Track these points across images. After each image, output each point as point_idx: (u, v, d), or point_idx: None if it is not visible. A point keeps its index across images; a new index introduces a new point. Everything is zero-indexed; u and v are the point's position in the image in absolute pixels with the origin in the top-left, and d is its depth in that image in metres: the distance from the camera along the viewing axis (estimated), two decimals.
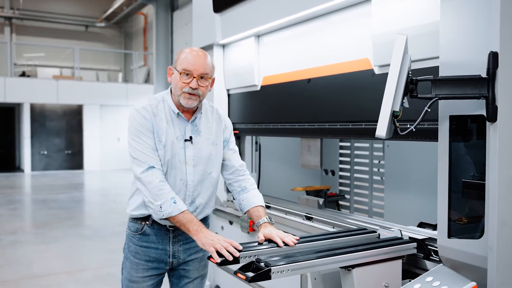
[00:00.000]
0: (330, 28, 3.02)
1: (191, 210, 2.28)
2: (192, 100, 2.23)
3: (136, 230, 2.32)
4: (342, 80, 2.90)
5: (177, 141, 2.27)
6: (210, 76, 2.29)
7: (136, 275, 2.31)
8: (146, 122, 2.23)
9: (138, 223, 2.32)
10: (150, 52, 19.60)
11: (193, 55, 2.24)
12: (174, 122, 2.29)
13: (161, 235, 2.31)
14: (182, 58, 2.24)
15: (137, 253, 2.32)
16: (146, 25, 20.78)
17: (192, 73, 2.20)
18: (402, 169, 4.00)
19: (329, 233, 2.42)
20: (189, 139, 2.29)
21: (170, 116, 2.29)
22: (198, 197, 2.34)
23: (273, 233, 2.17)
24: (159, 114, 2.26)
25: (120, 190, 12.36)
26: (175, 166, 2.26)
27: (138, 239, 2.31)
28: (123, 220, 8.20)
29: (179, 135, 2.28)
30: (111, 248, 6.27)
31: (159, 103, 2.29)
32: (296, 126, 3.36)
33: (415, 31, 2.37)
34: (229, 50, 4.09)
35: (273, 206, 3.59)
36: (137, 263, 2.31)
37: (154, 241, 2.30)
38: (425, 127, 2.30)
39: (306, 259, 1.90)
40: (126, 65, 23.25)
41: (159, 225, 2.30)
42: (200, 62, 2.22)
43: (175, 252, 2.34)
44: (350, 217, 2.96)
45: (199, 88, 2.22)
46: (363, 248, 2.06)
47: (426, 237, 2.34)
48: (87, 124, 17.64)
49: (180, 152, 2.26)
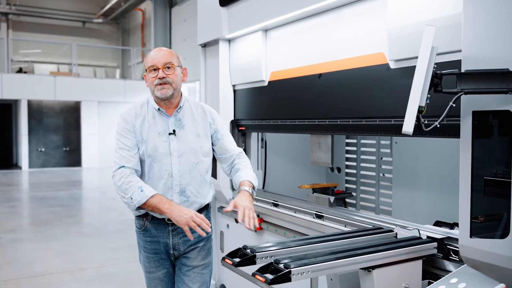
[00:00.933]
0: (342, 22, 2.95)
1: (183, 200, 2.43)
2: (165, 89, 2.42)
3: (140, 227, 2.50)
4: (355, 75, 2.82)
5: (160, 136, 2.44)
6: (175, 64, 2.46)
7: (149, 266, 2.50)
8: (126, 124, 2.44)
9: (140, 220, 2.49)
10: (148, 49, 19.49)
11: (154, 52, 2.48)
12: (157, 119, 2.47)
13: (161, 229, 2.45)
14: (146, 60, 2.48)
15: (146, 248, 2.49)
16: (144, 21, 20.65)
17: (156, 66, 2.41)
18: (411, 166, 3.94)
19: (345, 233, 2.36)
20: (172, 132, 2.45)
21: (153, 114, 2.48)
22: (188, 186, 2.46)
23: (240, 203, 2.29)
24: (142, 114, 2.47)
25: None
26: (158, 158, 2.42)
27: (143, 234, 2.49)
28: (123, 218, 8.12)
29: (162, 130, 2.46)
30: (112, 246, 6.20)
31: (143, 105, 2.52)
32: (306, 123, 3.28)
33: (436, 23, 2.30)
34: (235, 45, 4.01)
35: (281, 204, 3.52)
36: (148, 256, 2.50)
37: (156, 235, 2.46)
38: (444, 123, 2.23)
39: (326, 260, 1.84)
40: (123, 61, 23.12)
41: (158, 219, 2.44)
42: (160, 55, 2.44)
43: (175, 244, 2.48)
44: (363, 216, 2.89)
45: (167, 76, 2.42)
46: (383, 248, 2.00)
47: (445, 236, 2.28)
48: (85, 120, 17.51)
49: (163, 145, 2.43)
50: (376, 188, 4.41)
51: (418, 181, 3.84)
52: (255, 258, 1.95)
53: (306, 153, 4.72)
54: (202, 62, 4.34)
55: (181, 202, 2.41)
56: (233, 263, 1.94)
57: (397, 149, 4.08)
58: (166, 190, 2.41)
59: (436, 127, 1.85)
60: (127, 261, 5.52)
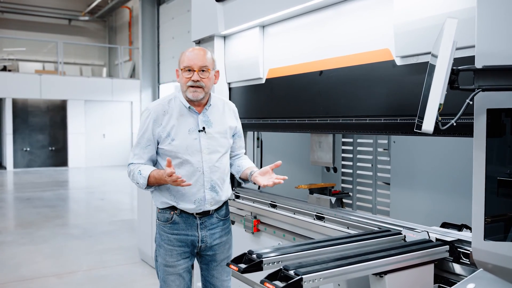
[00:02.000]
0: (344, 17, 2.86)
1: (213, 195, 2.53)
2: (198, 92, 2.47)
3: (166, 220, 2.53)
4: (359, 72, 2.74)
5: (190, 134, 2.49)
6: (211, 68, 2.51)
7: (171, 260, 2.52)
8: (153, 122, 2.49)
9: (167, 213, 2.53)
10: (136, 47, 19.26)
11: (191, 52, 2.50)
12: (186, 116, 2.51)
13: (189, 222, 2.51)
14: (183, 58, 2.51)
15: (170, 240, 2.52)
16: (131, 19, 20.39)
17: (192, 68, 2.45)
18: (410, 166, 3.87)
19: (352, 236, 2.27)
20: (202, 129, 2.50)
21: (182, 111, 2.52)
22: (217, 181, 2.55)
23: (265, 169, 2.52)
24: (170, 111, 2.51)
25: (106, 187, 12.08)
26: (189, 156, 2.47)
27: (169, 227, 2.52)
28: (112, 219, 7.96)
29: (192, 127, 2.50)
30: (102, 248, 6.04)
31: (170, 101, 2.54)
32: (306, 121, 3.19)
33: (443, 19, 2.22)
34: (231, 41, 3.90)
35: (279, 205, 3.43)
36: (171, 249, 2.52)
37: (184, 228, 2.51)
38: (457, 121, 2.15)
39: (337, 266, 1.74)
40: (110, 59, 22.83)
41: (187, 213, 2.51)
42: (198, 57, 2.47)
43: (203, 237, 2.54)
44: (366, 217, 2.81)
45: (201, 80, 2.46)
46: (395, 252, 1.91)
47: (455, 238, 2.20)
48: (71, 120, 17.22)
49: (194, 143, 2.48)
50: (373, 188, 4.35)
51: (416, 181, 3.77)
52: (262, 263, 1.85)
53: (302, 152, 4.64)
54: None
55: (212, 198, 2.53)
56: (239, 269, 1.84)
57: (395, 148, 4.01)
58: (198, 186, 2.49)
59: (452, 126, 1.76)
60: (118, 263, 5.38)
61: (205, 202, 2.51)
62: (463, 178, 3.33)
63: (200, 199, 2.50)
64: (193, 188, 2.48)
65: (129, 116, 18.39)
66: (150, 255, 5.17)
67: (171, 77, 17.26)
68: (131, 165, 2.53)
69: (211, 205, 2.53)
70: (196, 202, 2.49)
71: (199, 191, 2.49)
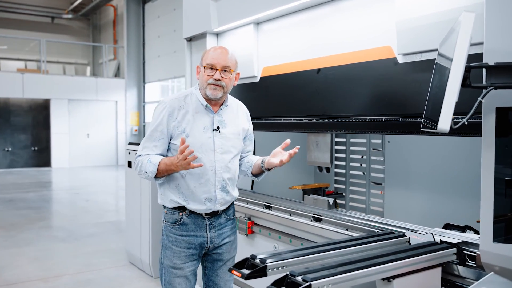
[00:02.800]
0: (343, 14, 2.80)
1: (224, 195, 2.49)
2: (217, 90, 2.43)
3: (175, 221, 2.48)
4: (359, 70, 2.67)
5: (204, 132, 2.45)
6: (233, 69, 2.48)
7: (179, 262, 2.47)
8: (169, 115, 2.44)
9: (175, 214, 2.48)
10: (121, 45, 18.99)
11: (215, 51, 2.47)
12: (201, 114, 2.47)
13: (198, 223, 2.47)
14: (206, 55, 2.47)
15: (178, 242, 2.47)
16: (116, 17, 20.11)
17: (215, 66, 2.42)
18: (404, 166, 3.82)
19: (356, 238, 2.20)
20: (216, 128, 2.47)
21: (198, 108, 2.48)
22: (228, 181, 2.51)
23: (276, 150, 2.50)
24: (186, 107, 2.47)
25: (91, 188, 11.86)
26: (203, 154, 2.42)
27: (178, 229, 2.47)
28: (97, 220, 7.79)
29: (207, 125, 2.46)
30: (89, 251, 5.89)
31: (187, 96, 2.50)
32: (303, 121, 3.12)
33: (448, 15, 2.17)
34: (223, 39, 3.81)
35: (274, 206, 3.35)
36: (179, 251, 2.47)
37: (193, 230, 2.47)
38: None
39: (346, 271, 1.67)
40: (94, 58, 22.50)
41: (196, 214, 2.47)
42: (222, 57, 2.43)
43: (212, 237, 2.51)
44: (366, 218, 2.75)
45: (222, 79, 2.43)
46: (403, 256, 1.85)
47: (460, 240, 2.15)
48: (54, 119, 16.89)
49: (208, 142, 2.44)
50: (366, 188, 4.29)
51: (411, 181, 3.72)
52: (266, 269, 1.76)
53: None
54: (187, 57, 4.14)
55: (222, 198, 2.49)
56: (242, 275, 1.75)
57: (390, 148, 3.96)
58: (209, 186, 2.45)
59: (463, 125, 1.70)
60: (105, 266, 5.24)
61: (216, 202, 2.47)
62: (459, 178, 3.30)
63: (211, 198, 2.45)
64: (204, 187, 2.44)
65: (114, 116, 18.13)
66: (139, 258, 5.05)
67: (157, 76, 17.07)
68: (139, 157, 2.46)
69: (221, 205, 2.49)
70: (207, 202, 2.45)
71: (209, 191, 2.45)
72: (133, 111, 18.28)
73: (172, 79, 16.13)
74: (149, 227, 4.81)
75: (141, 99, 18.33)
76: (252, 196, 3.65)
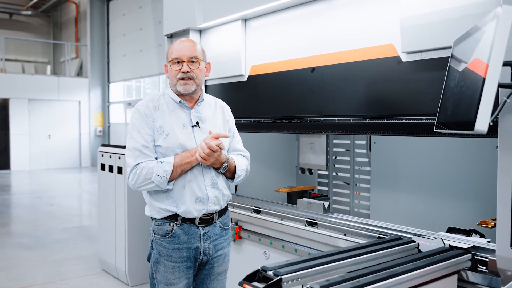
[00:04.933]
0: (341, 10, 2.69)
1: (216, 193, 2.33)
2: (189, 84, 2.33)
3: (166, 234, 2.30)
4: (358, 68, 2.57)
5: (184, 128, 2.32)
6: (201, 58, 2.38)
7: (173, 277, 2.30)
8: (145, 118, 2.30)
9: (166, 225, 2.30)
10: (84, 44, 18.42)
11: (178, 44, 2.36)
12: (177, 112, 2.35)
13: (191, 233, 2.30)
14: (171, 50, 2.36)
15: (171, 256, 2.29)
16: (78, 14, 19.49)
17: (181, 59, 2.31)
18: (391, 167, 3.76)
19: (364, 246, 2.09)
20: (196, 124, 2.34)
21: (173, 106, 2.36)
22: (217, 179, 2.36)
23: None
24: (161, 107, 2.35)
25: (54, 192, 11.38)
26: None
27: (169, 242, 2.29)
28: (65, 225, 7.45)
29: (185, 122, 2.34)
30: (57, 258, 5.58)
31: (160, 97, 2.39)
32: (296, 121, 3.00)
33: (457, 12, 2.09)
34: (207, 35, 3.65)
35: (264, 210, 3.21)
36: (173, 266, 2.29)
37: (186, 241, 2.30)
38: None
39: (369, 282, 1.56)
40: (55, 57, 21.75)
41: (188, 223, 2.29)
42: (187, 48, 2.33)
43: (206, 249, 2.34)
44: (364, 222, 2.65)
45: (191, 71, 2.32)
46: (422, 264, 1.75)
47: (471, 245, 2.08)
48: (13, 119, 16.17)
49: (189, 138, 2.31)
50: (350, 190, 4.22)
51: (399, 183, 3.67)
52: (281, 282, 1.63)
53: (277, 154, 4.46)
54: None
55: (215, 196, 2.32)
56: None
57: (376, 149, 3.89)
58: (199, 183, 2.29)
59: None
60: (76, 275, 4.96)
61: (208, 201, 2.30)
62: (448, 180, 3.26)
63: (202, 198, 2.28)
64: (194, 185, 2.28)
65: (77, 116, 17.54)
66: (113, 265, 4.80)
67: (122, 75, 16.63)
68: (138, 165, 2.24)
69: (214, 204, 2.32)
70: (198, 202, 2.27)
71: (200, 188, 2.29)
72: (97, 112, 17.75)
73: (139, 79, 15.75)
74: (125, 233, 4.58)
75: (106, 99, 17.83)
76: (238, 199, 3.50)
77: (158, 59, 14.06)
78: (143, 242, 4.62)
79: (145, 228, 4.64)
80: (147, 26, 14.50)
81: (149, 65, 14.59)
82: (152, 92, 15.31)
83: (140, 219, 4.60)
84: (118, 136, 17.08)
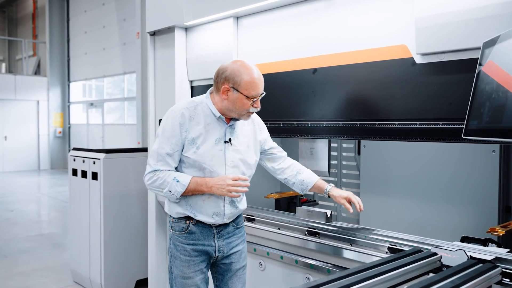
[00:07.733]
0: (348, 8, 2.55)
1: (233, 210, 2.39)
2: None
3: (182, 230, 2.38)
4: (367, 70, 2.44)
5: (216, 144, 2.30)
6: None
7: (189, 271, 2.37)
8: (179, 127, 2.27)
9: (182, 223, 2.38)
10: (42, 41, 17.65)
11: (259, 78, 2.26)
12: (213, 125, 2.31)
13: (206, 232, 2.37)
14: (248, 83, 2.21)
15: (186, 251, 2.38)
16: (36, 10, 18.68)
17: (258, 95, 2.26)
18: (382, 171, 3.67)
19: (387, 261, 1.95)
20: (228, 141, 2.32)
21: (210, 119, 2.31)
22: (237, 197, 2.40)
23: (348, 194, 2.47)
24: (196, 118, 2.30)
25: (13, 197, 10.78)
26: (212, 167, 2.29)
27: (185, 237, 2.38)
28: (28, 233, 7.02)
29: (218, 137, 2.31)
30: (24, 270, 5.20)
31: (197, 106, 2.33)
32: (295, 125, 2.85)
33: (481, 12, 1.99)
34: (194, 33, 3.44)
35: (258, 218, 3.05)
36: (188, 260, 2.37)
37: (200, 238, 2.37)
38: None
39: None
40: (10, 54, 20.78)
41: (203, 223, 2.37)
42: (263, 84, 2.28)
43: (220, 246, 2.41)
44: (373, 232, 2.53)
45: None
46: (460, 282, 1.63)
47: (493, 257, 1.98)
48: None
49: (219, 154, 2.30)
50: None
51: (389, 187, 3.57)
52: None
53: None
54: (150, 53, 3.71)
55: (231, 212, 2.39)
56: None
57: (366, 153, 3.79)
58: (218, 201, 2.33)
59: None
60: None
61: (224, 217, 2.37)
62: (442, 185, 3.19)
63: (219, 213, 2.35)
64: (213, 202, 2.33)
65: (35, 117, 16.77)
66: (87, 277, 4.51)
67: (84, 74, 16.04)
68: (158, 171, 2.27)
69: (228, 219, 2.40)
70: (214, 216, 2.34)
71: (218, 205, 2.34)
72: (56, 112, 17.06)
73: (101, 78, 15.22)
74: (100, 242, 4.29)
75: (66, 99, 17.16)
76: None
77: (122, 58, 13.62)
78: (120, 252, 4.35)
79: (124, 237, 4.38)
80: (111, 24, 14.02)
81: (113, 64, 14.11)
82: (114, 91, 14.85)
83: (117, 227, 4.34)
84: (80, 138, 16.47)
